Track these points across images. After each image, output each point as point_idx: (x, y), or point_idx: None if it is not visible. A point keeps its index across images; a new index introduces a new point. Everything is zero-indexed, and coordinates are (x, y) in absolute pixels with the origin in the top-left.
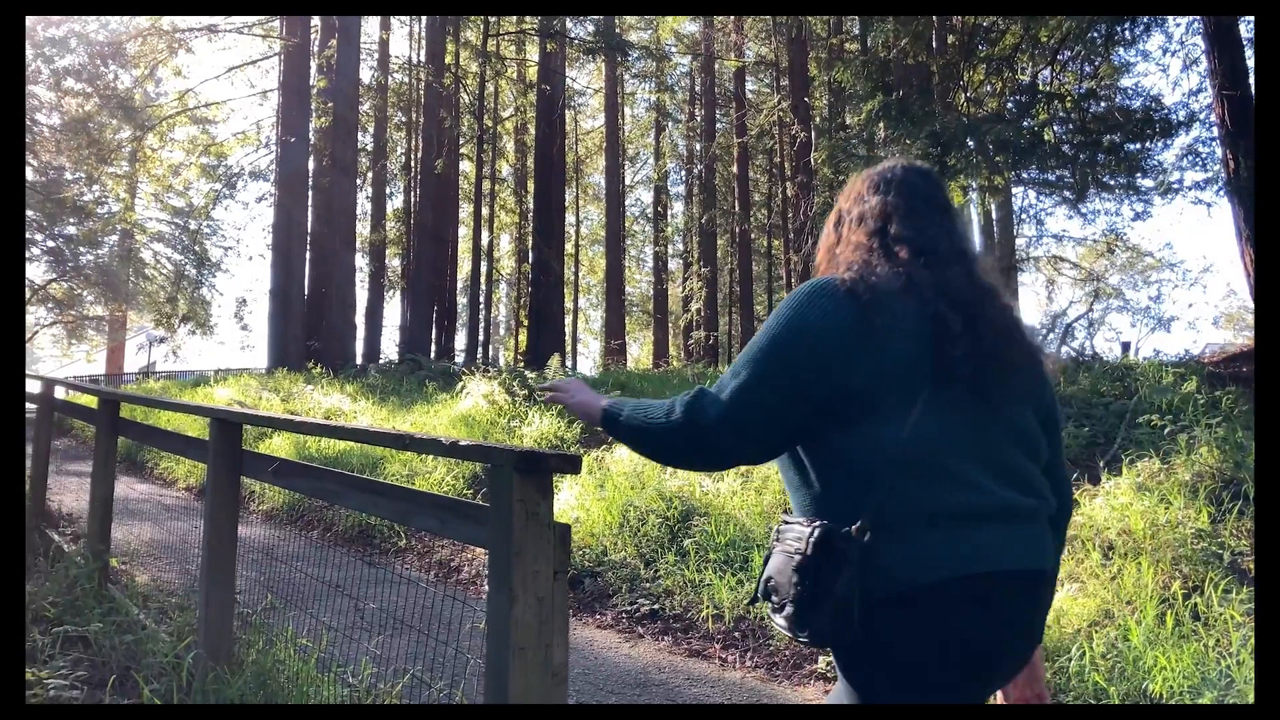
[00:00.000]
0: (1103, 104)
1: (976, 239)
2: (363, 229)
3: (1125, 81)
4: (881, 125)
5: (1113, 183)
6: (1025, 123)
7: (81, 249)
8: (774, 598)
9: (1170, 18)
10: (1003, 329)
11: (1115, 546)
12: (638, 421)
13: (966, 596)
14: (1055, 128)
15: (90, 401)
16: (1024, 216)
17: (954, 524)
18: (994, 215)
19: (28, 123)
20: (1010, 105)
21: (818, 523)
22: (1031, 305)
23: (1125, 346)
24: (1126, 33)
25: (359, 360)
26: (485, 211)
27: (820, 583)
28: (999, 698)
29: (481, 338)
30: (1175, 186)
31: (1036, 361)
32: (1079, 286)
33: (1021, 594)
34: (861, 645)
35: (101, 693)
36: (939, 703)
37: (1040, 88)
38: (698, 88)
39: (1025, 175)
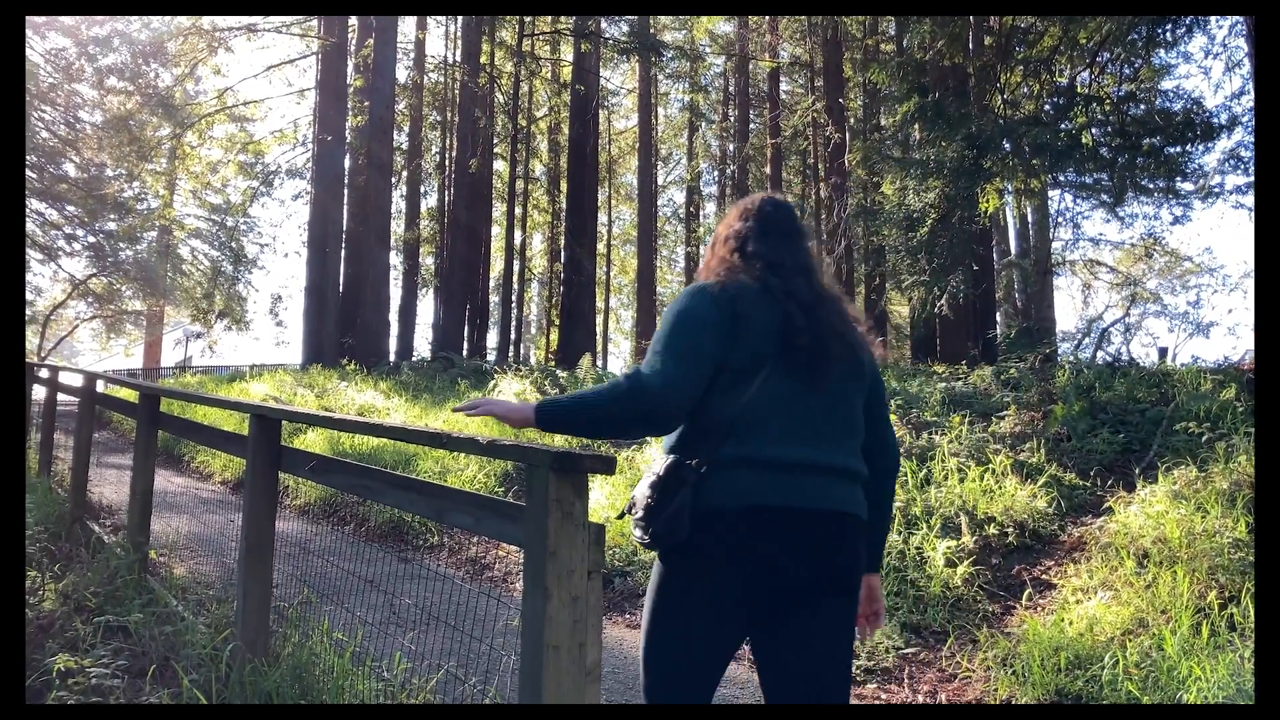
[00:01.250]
0: (1142, 106)
1: (1012, 242)
2: (397, 227)
3: (1166, 84)
4: (917, 127)
5: (1152, 186)
6: (1063, 125)
7: (121, 245)
8: (634, 509)
9: (1213, 19)
10: (833, 327)
11: (1150, 555)
12: (583, 404)
13: (758, 521)
14: (1093, 130)
15: (129, 395)
16: (1060, 219)
17: (764, 468)
18: (1030, 218)
19: (71, 119)
20: (1048, 107)
21: (673, 456)
22: (1067, 309)
23: (1162, 352)
24: (1167, 34)
25: (392, 357)
26: (518, 211)
27: (665, 495)
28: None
29: (513, 336)
30: (1216, 190)
31: (860, 353)
32: (1116, 290)
33: (812, 526)
34: (681, 545)
35: (142, 682)
36: (709, 596)
37: (1079, 90)
38: (731, 88)
39: (1062, 178)
